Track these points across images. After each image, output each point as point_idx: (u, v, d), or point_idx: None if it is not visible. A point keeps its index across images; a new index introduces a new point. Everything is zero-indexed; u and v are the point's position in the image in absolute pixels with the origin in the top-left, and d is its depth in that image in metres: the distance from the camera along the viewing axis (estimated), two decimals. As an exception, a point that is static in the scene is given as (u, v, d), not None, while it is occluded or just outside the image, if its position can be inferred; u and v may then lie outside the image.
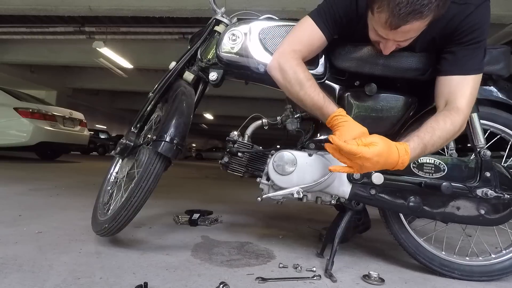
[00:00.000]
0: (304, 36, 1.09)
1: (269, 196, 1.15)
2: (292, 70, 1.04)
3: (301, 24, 1.11)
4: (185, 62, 1.35)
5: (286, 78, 1.05)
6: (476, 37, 0.97)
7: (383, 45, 0.98)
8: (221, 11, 1.37)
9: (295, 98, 1.06)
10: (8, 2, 4.70)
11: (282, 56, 1.06)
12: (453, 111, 0.96)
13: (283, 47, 1.09)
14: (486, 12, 0.97)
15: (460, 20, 0.96)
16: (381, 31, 0.92)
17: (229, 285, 0.90)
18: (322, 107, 1.00)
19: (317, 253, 1.28)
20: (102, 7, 4.61)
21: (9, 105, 5.41)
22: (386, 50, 0.98)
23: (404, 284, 1.04)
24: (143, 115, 1.34)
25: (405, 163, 0.86)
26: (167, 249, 1.24)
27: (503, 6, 3.88)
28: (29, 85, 11.02)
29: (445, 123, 0.94)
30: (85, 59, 8.76)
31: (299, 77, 1.03)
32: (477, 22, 0.96)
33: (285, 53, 1.07)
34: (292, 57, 1.05)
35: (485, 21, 0.97)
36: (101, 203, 1.36)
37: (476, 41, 0.97)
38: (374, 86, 1.15)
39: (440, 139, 0.93)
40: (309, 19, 1.09)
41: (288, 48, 1.08)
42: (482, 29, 0.97)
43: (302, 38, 1.09)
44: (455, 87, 0.98)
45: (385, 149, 0.84)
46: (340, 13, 1.05)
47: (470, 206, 1.09)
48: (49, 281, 0.87)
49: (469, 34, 0.97)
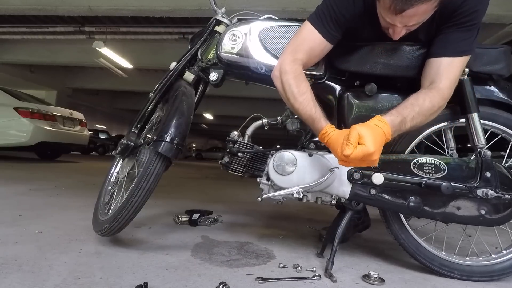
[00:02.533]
0: (304, 43, 1.09)
1: (269, 196, 1.15)
2: (287, 83, 1.05)
3: (302, 30, 1.11)
4: (185, 62, 1.35)
5: (284, 89, 1.07)
6: (473, 19, 0.97)
7: (392, 30, 0.99)
8: (222, 11, 1.37)
9: (291, 108, 1.10)
10: (8, 2, 4.69)
11: (283, 66, 1.07)
12: (434, 90, 0.99)
13: (284, 56, 1.10)
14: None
15: (462, 1, 0.95)
16: (388, 16, 0.93)
17: (229, 285, 0.90)
18: (314, 121, 1.03)
19: (317, 253, 1.28)
20: (102, 7, 4.61)
21: (9, 105, 5.41)
22: (396, 35, 0.99)
23: (404, 284, 1.04)
24: (143, 115, 1.34)
25: (390, 133, 0.92)
26: (167, 249, 1.24)
27: (503, 6, 3.88)
28: (29, 85, 11.02)
29: (424, 100, 0.97)
30: (85, 59, 8.76)
31: (293, 91, 1.05)
32: (478, 3, 0.96)
33: (285, 63, 1.07)
34: (291, 69, 1.06)
35: (485, 3, 0.97)
36: (102, 203, 1.37)
37: (472, 23, 0.98)
38: (374, 86, 1.15)
39: (419, 115, 0.97)
40: (308, 25, 1.09)
41: (289, 57, 1.08)
42: (481, 11, 0.97)
43: (303, 46, 1.09)
44: (443, 69, 1.00)
45: (369, 131, 0.89)
46: (342, 12, 1.04)
47: (471, 206, 1.08)
48: (49, 281, 0.87)
49: (468, 16, 0.97)
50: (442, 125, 1.15)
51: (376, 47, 1.13)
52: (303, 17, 4.09)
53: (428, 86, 1.01)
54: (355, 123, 1.07)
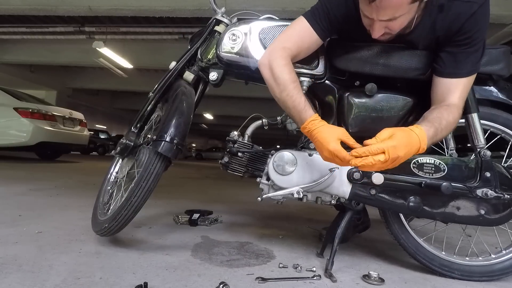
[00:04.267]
0: (294, 33, 1.09)
1: (269, 196, 1.15)
2: (279, 69, 1.03)
3: (294, 23, 1.12)
4: (185, 62, 1.35)
5: (273, 76, 1.05)
6: (477, 38, 0.97)
7: (371, 27, 0.96)
8: (221, 11, 1.37)
9: (278, 98, 1.06)
10: (8, 2, 4.70)
11: (272, 54, 1.06)
12: (453, 107, 0.99)
13: (273, 44, 1.10)
14: (487, 12, 0.97)
15: (466, 19, 0.95)
16: (365, 9, 0.92)
17: (229, 285, 0.90)
18: (301, 111, 1.00)
19: (317, 253, 1.28)
20: (102, 7, 4.61)
21: (9, 105, 5.41)
22: (374, 32, 0.95)
23: (404, 284, 1.04)
24: (143, 115, 1.34)
25: (425, 144, 0.89)
26: (167, 249, 1.24)
27: (503, 6, 3.88)
28: (29, 85, 11.03)
29: (448, 115, 0.96)
30: (85, 59, 8.77)
31: (284, 78, 1.03)
32: (480, 21, 0.95)
33: (275, 51, 1.07)
34: (281, 56, 1.05)
35: (486, 21, 0.97)
36: (101, 203, 1.36)
37: (476, 43, 0.97)
38: (374, 86, 1.14)
39: (444, 130, 0.95)
40: (301, 18, 1.10)
41: (278, 45, 1.08)
42: (483, 29, 0.97)
43: (293, 36, 1.09)
44: (455, 88, 1.01)
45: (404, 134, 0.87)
46: (334, 12, 1.04)
47: (470, 206, 1.08)
48: (49, 281, 0.87)
49: (472, 35, 0.96)
50: (442, 125, 1.15)
51: (376, 47, 1.13)
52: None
53: (442, 103, 1.01)
54: (355, 123, 1.07)
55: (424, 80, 1.11)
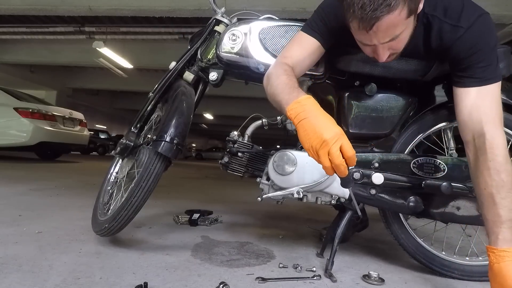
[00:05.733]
0: (293, 43, 1.06)
1: (269, 196, 1.15)
2: (275, 74, 0.98)
3: (292, 38, 1.09)
4: (185, 62, 1.35)
5: (269, 81, 0.98)
6: (478, 58, 0.90)
7: (375, 53, 0.90)
8: (221, 11, 1.37)
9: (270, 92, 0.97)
10: (8, 2, 4.70)
11: (273, 66, 1.03)
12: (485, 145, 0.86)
13: (277, 59, 1.06)
14: (481, 30, 0.90)
15: (452, 44, 0.92)
16: (363, 39, 0.87)
17: (229, 285, 0.90)
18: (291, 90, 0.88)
19: (317, 253, 1.28)
20: (102, 7, 4.61)
21: (9, 105, 5.41)
22: (380, 57, 0.89)
23: (404, 284, 1.04)
24: (143, 115, 1.34)
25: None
26: (167, 249, 1.24)
27: (503, 6, 3.88)
28: (29, 85, 11.03)
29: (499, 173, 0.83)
30: (85, 59, 8.77)
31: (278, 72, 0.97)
32: (471, 45, 0.89)
33: (276, 62, 1.04)
34: (280, 66, 1.00)
35: (481, 41, 0.89)
36: (101, 203, 1.36)
37: (478, 61, 0.90)
38: (374, 86, 1.15)
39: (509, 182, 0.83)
40: (299, 31, 1.07)
41: (278, 59, 1.05)
42: (481, 50, 0.90)
43: (292, 46, 1.06)
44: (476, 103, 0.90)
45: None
46: (331, 20, 1.01)
47: (470, 206, 1.08)
48: (49, 281, 0.87)
49: (469, 58, 0.91)
50: (442, 125, 1.15)
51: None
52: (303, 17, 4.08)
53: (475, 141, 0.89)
54: (355, 123, 1.05)
55: (424, 80, 1.11)
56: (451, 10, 0.91)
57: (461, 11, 0.90)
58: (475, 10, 0.91)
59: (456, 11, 0.90)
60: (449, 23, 0.91)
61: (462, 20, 0.90)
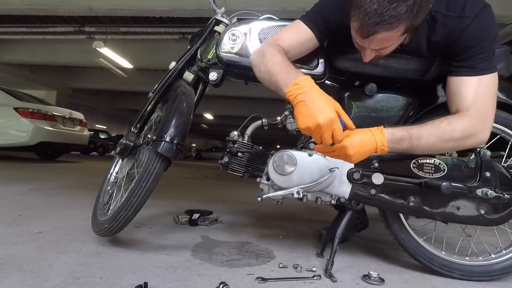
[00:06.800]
0: (288, 30, 1.09)
1: (269, 196, 1.15)
2: (270, 52, 0.99)
3: (289, 25, 1.12)
4: (185, 62, 1.35)
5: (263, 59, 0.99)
6: (479, 49, 0.93)
7: (362, 52, 0.96)
8: (221, 11, 1.37)
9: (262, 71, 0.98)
10: (8, 2, 4.70)
11: (263, 45, 1.05)
12: (460, 114, 0.94)
13: (268, 40, 1.10)
14: (486, 20, 0.92)
15: (458, 35, 0.93)
16: (357, 38, 0.91)
17: (229, 285, 0.90)
18: (290, 73, 0.90)
19: (317, 253, 1.28)
20: (102, 7, 4.62)
21: (9, 105, 5.41)
22: (365, 57, 0.96)
23: (404, 284, 1.04)
24: (143, 115, 1.34)
25: (383, 145, 0.88)
26: (167, 249, 1.24)
27: (503, 6, 3.89)
28: (29, 85, 11.02)
29: (441, 121, 0.93)
30: (85, 59, 8.77)
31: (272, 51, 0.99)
32: (477, 34, 0.92)
33: (268, 42, 1.06)
34: (274, 47, 1.02)
35: (485, 31, 0.92)
36: (101, 203, 1.36)
37: (479, 52, 0.93)
38: (374, 86, 1.15)
39: (431, 136, 0.91)
40: (297, 20, 1.10)
41: (270, 40, 1.07)
42: (484, 41, 0.93)
43: (286, 31, 1.09)
44: (463, 90, 0.95)
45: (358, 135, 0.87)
46: (330, 16, 1.04)
47: (470, 206, 1.09)
48: (49, 281, 0.87)
49: (471, 48, 0.93)
50: (442, 125, 1.15)
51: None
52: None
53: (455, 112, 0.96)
54: (355, 123, 1.06)
55: (424, 80, 1.11)
56: (454, 3, 0.93)
57: (465, 2, 0.92)
58: (478, 0, 0.93)
59: (459, 3, 0.93)
60: (453, 15, 0.93)
61: (467, 11, 0.92)
